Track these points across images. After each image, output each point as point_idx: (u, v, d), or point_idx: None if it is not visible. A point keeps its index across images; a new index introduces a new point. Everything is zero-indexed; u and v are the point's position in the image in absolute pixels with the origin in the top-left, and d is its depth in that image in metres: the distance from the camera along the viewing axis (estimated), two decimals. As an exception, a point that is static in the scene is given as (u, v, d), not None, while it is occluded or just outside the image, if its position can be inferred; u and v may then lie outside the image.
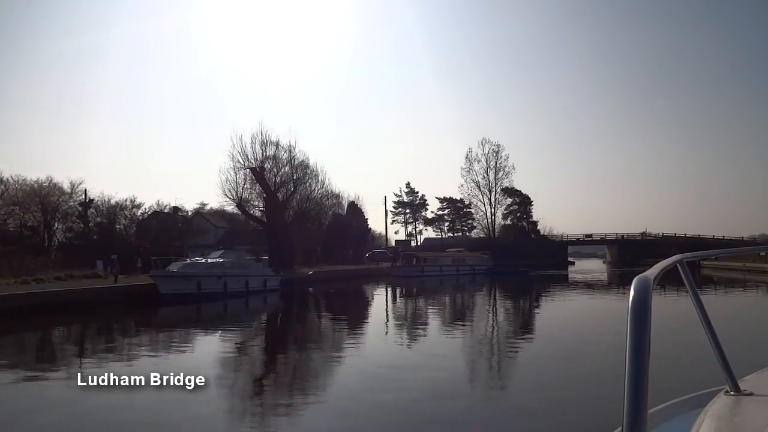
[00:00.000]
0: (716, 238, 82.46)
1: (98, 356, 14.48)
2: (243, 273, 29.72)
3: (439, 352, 14.35)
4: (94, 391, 8.01)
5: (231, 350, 15.95)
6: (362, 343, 17.01)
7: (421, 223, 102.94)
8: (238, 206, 49.04)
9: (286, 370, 13.20)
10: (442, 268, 48.72)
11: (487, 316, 24.08)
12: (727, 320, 15.92)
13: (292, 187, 48.42)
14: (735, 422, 1.82)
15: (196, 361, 13.37)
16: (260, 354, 16.04)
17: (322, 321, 23.71)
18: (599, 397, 8.31)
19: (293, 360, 14.56)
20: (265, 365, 13.95)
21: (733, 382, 2.12)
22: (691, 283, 2.17)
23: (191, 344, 17.05)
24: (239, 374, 12.53)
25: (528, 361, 13.35)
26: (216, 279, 27.83)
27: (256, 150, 45.19)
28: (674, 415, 2.10)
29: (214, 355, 14.67)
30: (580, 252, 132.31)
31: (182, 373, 8.03)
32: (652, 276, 1.33)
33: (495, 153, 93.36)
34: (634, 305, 1.17)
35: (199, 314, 24.96)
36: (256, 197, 49.92)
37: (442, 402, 9.15)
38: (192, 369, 9.36)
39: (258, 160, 45.32)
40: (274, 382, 12.05)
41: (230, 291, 28.25)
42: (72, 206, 48.38)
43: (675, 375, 7.84)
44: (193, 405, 8.31)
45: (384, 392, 9.78)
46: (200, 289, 26.76)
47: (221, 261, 29.44)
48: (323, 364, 13.36)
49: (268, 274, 32.32)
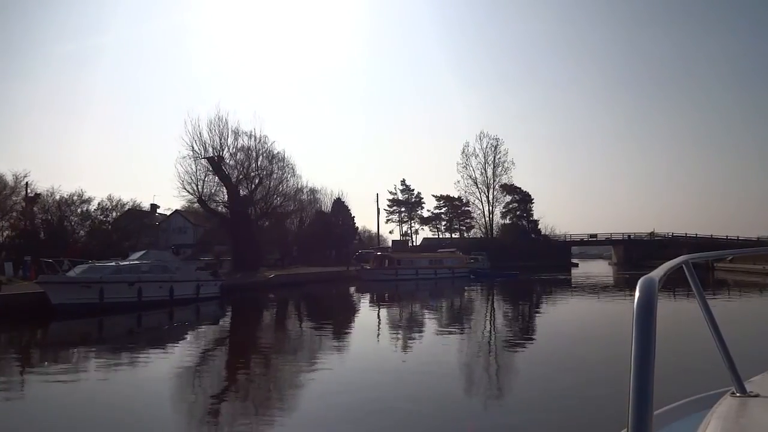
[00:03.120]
0: (730, 239, 77.82)
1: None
2: (166, 278, 24.75)
3: (375, 395, 9.37)
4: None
5: (113, 394, 10.33)
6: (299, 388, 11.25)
7: (417, 222, 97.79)
8: (199, 201, 44.23)
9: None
10: (417, 270, 43.39)
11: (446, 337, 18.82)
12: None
13: (257, 179, 43.40)
14: (741, 424, 1.82)
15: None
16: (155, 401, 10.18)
17: (258, 341, 18.38)
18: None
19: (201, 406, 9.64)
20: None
21: (739, 383, 2.11)
22: (696, 285, 2.14)
23: (56, 379, 11.56)
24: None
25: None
26: (127, 286, 22.93)
27: (214, 137, 40.24)
28: (680, 416, 2.10)
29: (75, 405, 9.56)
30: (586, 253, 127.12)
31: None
32: (657, 277, 1.33)
33: (493, 147, 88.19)
34: (639, 306, 1.16)
35: (100, 331, 20.13)
36: (223, 191, 45.09)
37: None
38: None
39: (216, 149, 40.36)
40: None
41: (147, 300, 23.36)
42: (16, 201, 43.89)
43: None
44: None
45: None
46: (103, 298, 21.91)
47: (136, 264, 24.54)
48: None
49: (202, 278, 27.26)
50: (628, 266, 69.96)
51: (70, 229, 43.81)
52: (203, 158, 39.83)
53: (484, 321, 21.26)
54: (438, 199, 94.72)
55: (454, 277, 44.59)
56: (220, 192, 43.40)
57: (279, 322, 23.10)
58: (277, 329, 20.70)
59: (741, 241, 77.01)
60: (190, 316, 24.10)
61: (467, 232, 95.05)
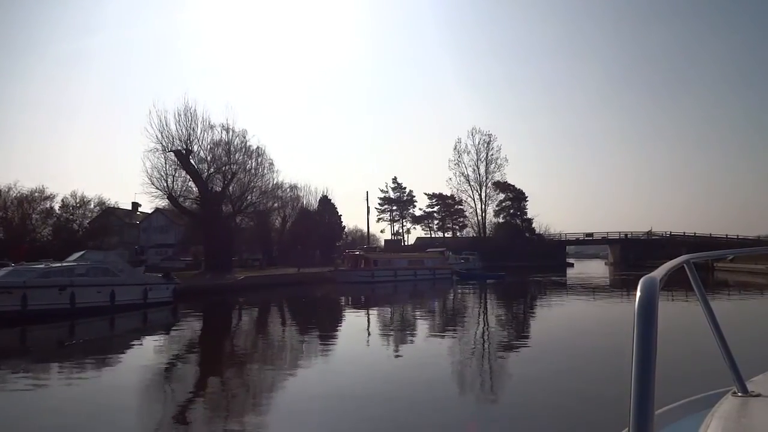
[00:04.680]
0: (729, 238, 75.55)
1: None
2: (105, 282, 22.11)
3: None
4: None
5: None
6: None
7: (409, 221, 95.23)
8: (170, 198, 41.47)
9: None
10: (396, 272, 40.46)
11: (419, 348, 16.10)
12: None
13: (229, 174, 40.70)
14: (742, 423, 1.82)
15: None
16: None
17: (205, 355, 15.78)
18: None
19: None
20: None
21: (740, 383, 2.11)
22: (698, 284, 2.14)
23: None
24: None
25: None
26: (57, 291, 20.32)
27: (181, 129, 37.49)
28: (681, 416, 2.10)
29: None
30: (582, 252, 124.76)
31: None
32: (658, 276, 1.33)
33: (486, 144, 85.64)
34: (640, 305, 1.16)
35: (22, 342, 17.61)
36: (194, 188, 42.40)
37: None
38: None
39: (184, 142, 37.63)
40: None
41: (82, 306, 20.73)
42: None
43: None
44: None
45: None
46: (26, 304, 19.31)
47: (71, 266, 21.91)
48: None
49: (151, 282, 24.58)
50: (624, 266, 67.65)
51: (30, 227, 41.24)
52: (170, 151, 37.08)
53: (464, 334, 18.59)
54: (430, 198, 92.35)
55: (436, 279, 41.94)
56: (192, 188, 40.71)
57: (235, 331, 20.52)
58: (229, 340, 18.12)
59: (741, 241, 75.02)
60: (134, 324, 21.53)
61: (460, 231, 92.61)
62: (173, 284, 25.54)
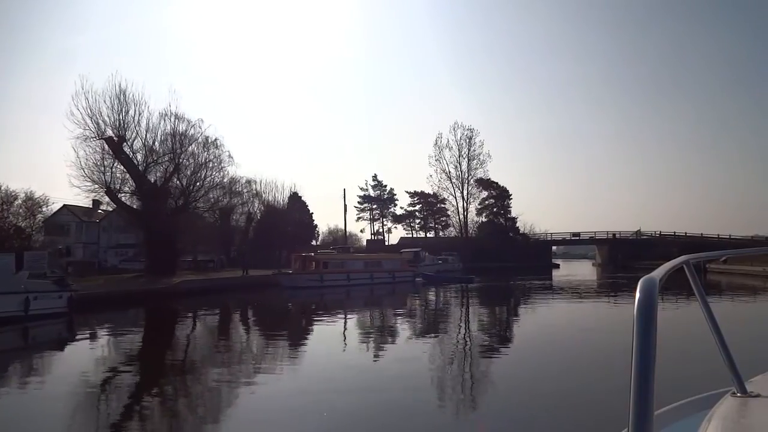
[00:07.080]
0: (721, 238, 72.26)
1: None
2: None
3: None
4: None
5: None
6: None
7: (390, 220, 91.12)
8: (108, 193, 37.06)
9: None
10: (350, 275, 36.22)
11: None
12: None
13: (171, 166, 36.40)
14: (742, 424, 1.81)
15: None
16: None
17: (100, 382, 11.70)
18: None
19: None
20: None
21: (740, 383, 2.07)
22: (697, 285, 2.11)
23: None
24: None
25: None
26: None
27: (112, 114, 33.14)
28: (680, 416, 2.07)
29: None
30: (570, 253, 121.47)
31: None
32: (658, 277, 1.33)
33: (468, 139, 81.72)
34: (640, 306, 1.16)
35: None
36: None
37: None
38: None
39: (115, 128, 33.26)
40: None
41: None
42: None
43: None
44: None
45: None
46: None
47: None
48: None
49: (36, 289, 20.20)
50: (612, 267, 64.23)
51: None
52: (98, 139, 32.72)
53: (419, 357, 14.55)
54: (412, 196, 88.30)
55: (396, 283, 37.77)
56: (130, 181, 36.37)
57: (144, 348, 16.38)
58: (131, 360, 13.90)
59: (734, 241, 71.82)
60: (11, 340, 17.40)
61: (443, 230, 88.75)
62: (68, 292, 21.25)
